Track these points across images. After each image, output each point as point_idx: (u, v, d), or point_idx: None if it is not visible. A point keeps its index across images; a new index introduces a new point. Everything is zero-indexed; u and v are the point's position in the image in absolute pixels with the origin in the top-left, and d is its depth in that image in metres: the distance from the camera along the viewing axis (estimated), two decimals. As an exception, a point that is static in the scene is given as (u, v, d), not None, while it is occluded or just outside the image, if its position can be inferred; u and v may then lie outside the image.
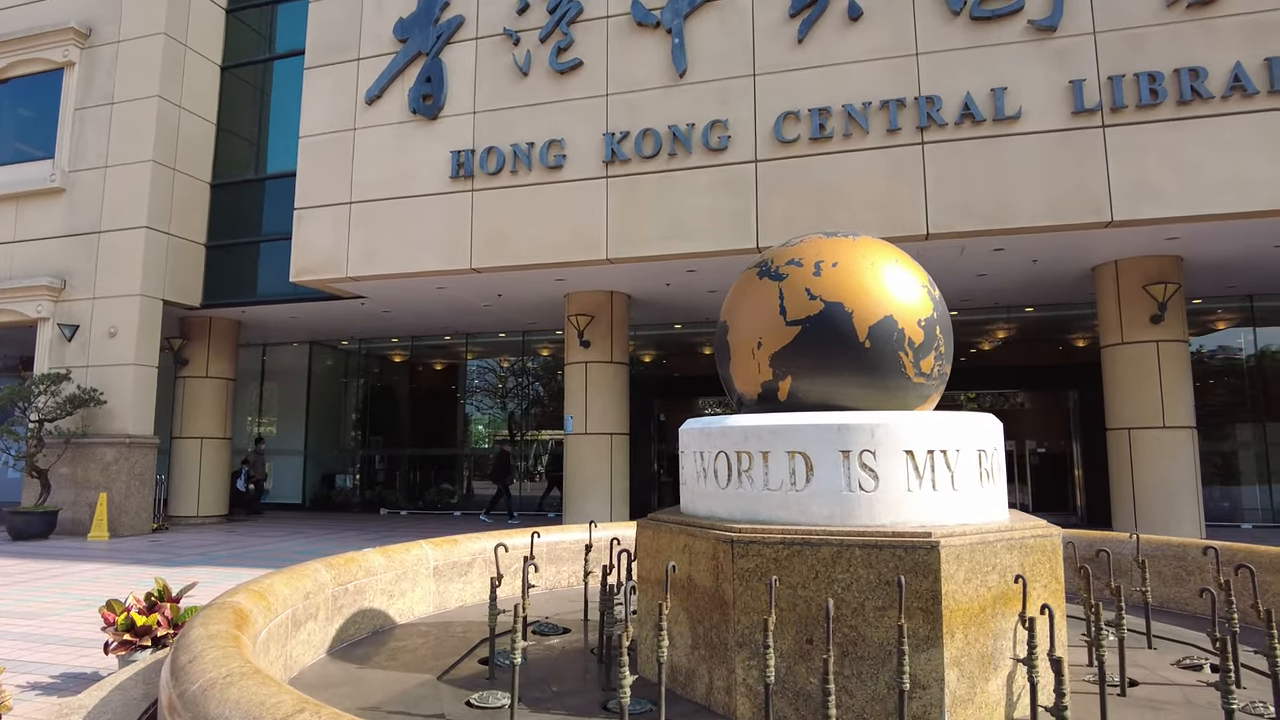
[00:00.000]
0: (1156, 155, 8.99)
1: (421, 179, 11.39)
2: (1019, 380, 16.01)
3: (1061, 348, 16.29)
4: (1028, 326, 15.61)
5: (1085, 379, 14.97)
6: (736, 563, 3.19)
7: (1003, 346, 16.14)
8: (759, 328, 3.70)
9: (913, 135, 9.74)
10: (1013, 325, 15.82)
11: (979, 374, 16.04)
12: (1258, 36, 8.85)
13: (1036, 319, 15.21)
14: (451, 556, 5.30)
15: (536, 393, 18.52)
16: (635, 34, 10.84)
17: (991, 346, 16.32)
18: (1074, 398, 15.20)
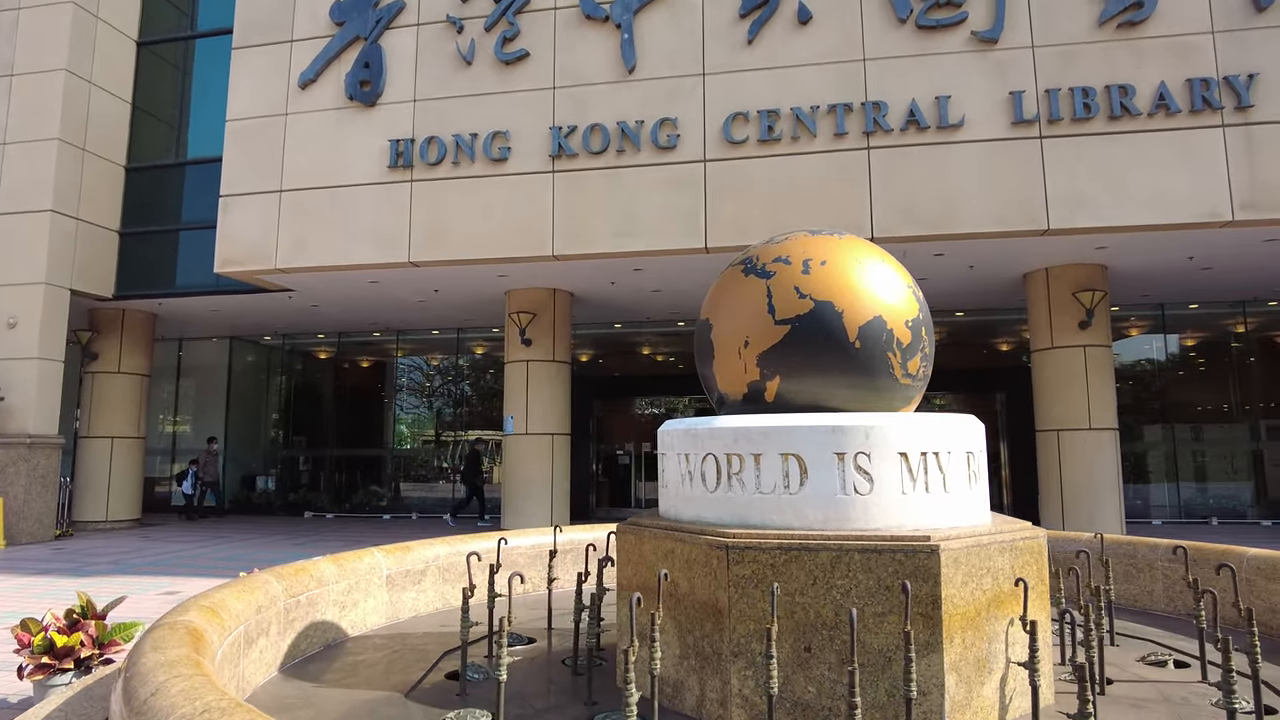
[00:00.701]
0: (1089, 167, 9.34)
1: (358, 168, 10.92)
2: (948, 383, 16.46)
3: (988, 351, 16.86)
4: (958, 330, 16.09)
5: (1012, 382, 15.55)
6: (732, 569, 3.08)
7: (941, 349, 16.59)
8: (746, 326, 3.60)
9: (859, 140, 9.86)
10: (942, 329, 16.27)
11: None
12: (1180, 59, 9.30)
13: (967, 323, 15.69)
14: (404, 564, 5.03)
15: (469, 392, 18.07)
16: (584, 27, 10.65)
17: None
18: (1001, 400, 15.75)
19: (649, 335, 17.22)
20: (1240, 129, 9.07)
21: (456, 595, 5.37)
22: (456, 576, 5.40)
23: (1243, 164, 8.99)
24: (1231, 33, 9.21)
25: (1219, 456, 15.04)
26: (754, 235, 9.95)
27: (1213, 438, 15.16)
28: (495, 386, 17.99)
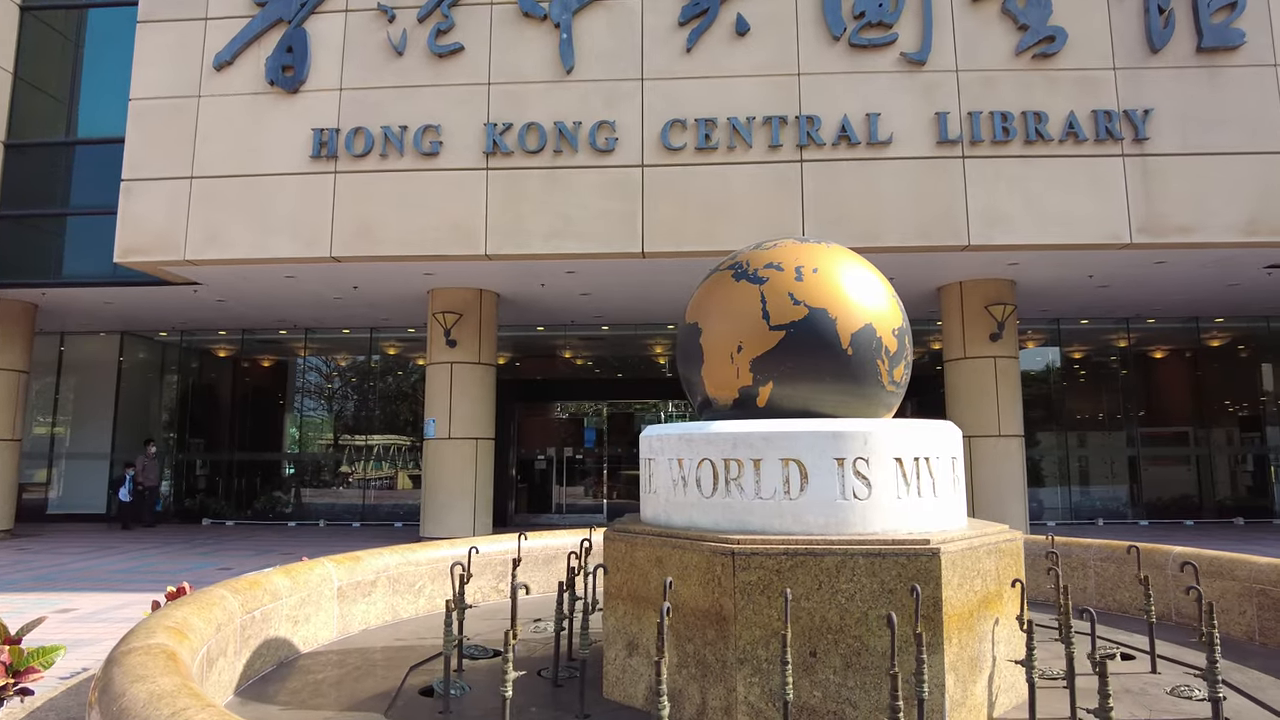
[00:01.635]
0: (1007, 187, 9.88)
1: (278, 157, 10.35)
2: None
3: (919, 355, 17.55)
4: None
5: (922, 389, 16.26)
6: (738, 576, 3.05)
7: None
8: (739, 331, 3.58)
9: (793, 152, 10.09)
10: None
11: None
12: (1086, 91, 9.98)
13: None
14: (355, 575, 4.77)
15: (381, 394, 17.42)
16: (521, 24, 10.47)
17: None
18: (910, 407, 16.44)
19: (571, 339, 17.08)
20: (1138, 159, 9.80)
21: (406, 607, 5.14)
22: (406, 587, 5.17)
23: (1140, 191, 9.72)
24: (1130, 70, 9.95)
25: (1102, 462, 16.19)
26: (690, 242, 10.05)
27: (1098, 444, 16.32)
28: (405, 389, 17.43)
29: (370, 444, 16.68)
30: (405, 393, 17.52)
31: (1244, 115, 9.82)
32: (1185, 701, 3.44)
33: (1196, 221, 9.63)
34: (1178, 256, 10.27)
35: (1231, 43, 9.87)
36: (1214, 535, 12.77)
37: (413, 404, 17.45)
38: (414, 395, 17.42)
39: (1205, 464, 15.76)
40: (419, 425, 17.09)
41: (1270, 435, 15.79)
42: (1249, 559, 4.53)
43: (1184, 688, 3.60)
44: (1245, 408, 16.49)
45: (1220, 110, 9.83)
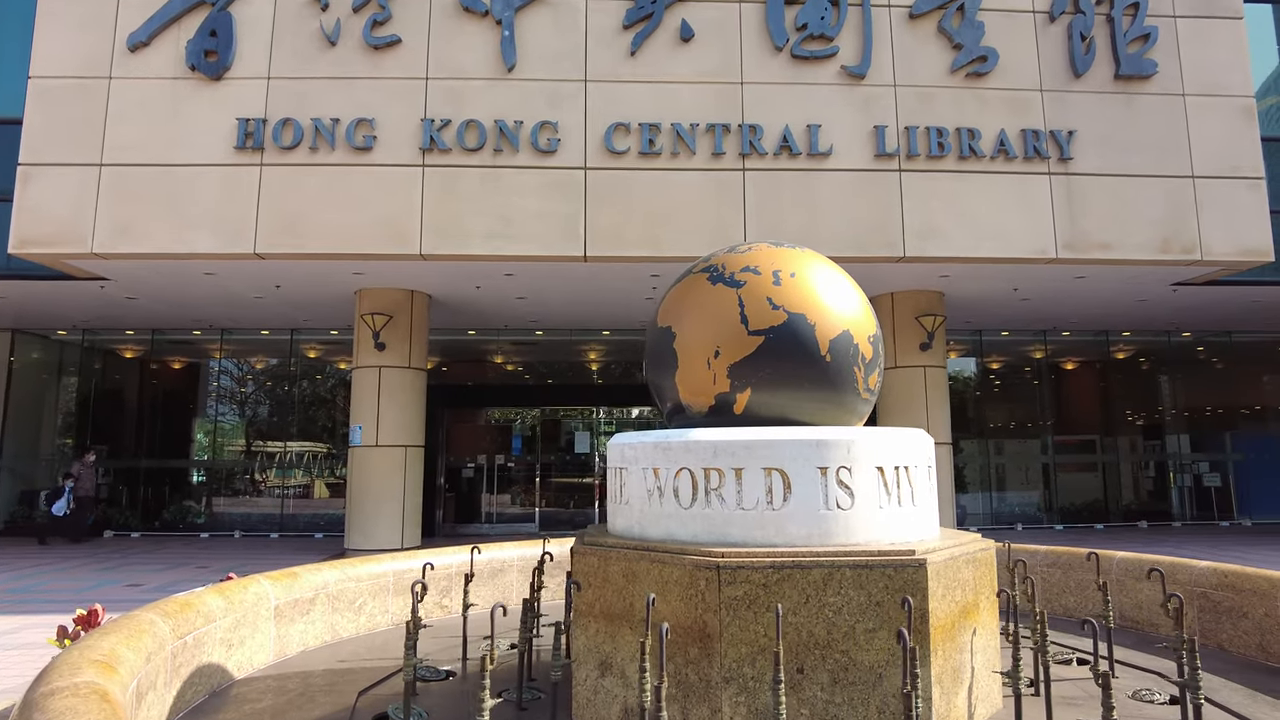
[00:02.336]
0: (941, 201, 10.15)
1: (198, 146, 9.74)
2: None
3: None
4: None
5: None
6: (724, 591, 2.93)
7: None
8: (716, 336, 3.48)
9: (736, 161, 10.12)
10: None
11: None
12: (1016, 110, 10.36)
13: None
14: (293, 593, 4.45)
15: (301, 398, 16.64)
16: (461, 19, 10.18)
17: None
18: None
19: (503, 343, 16.73)
20: (1063, 178, 10.22)
21: (346, 627, 4.84)
22: (346, 605, 4.86)
23: (1065, 209, 10.14)
24: (1056, 93, 10.39)
25: (1019, 469, 16.86)
26: (633, 246, 9.94)
27: (1015, 452, 16.99)
28: (326, 393, 16.73)
29: (289, 451, 15.90)
30: (326, 398, 16.80)
31: (1156, 140, 10.37)
32: (1149, 706, 3.50)
33: (1116, 239, 10.11)
34: (1096, 272, 10.75)
35: (1145, 72, 10.42)
36: (1122, 539, 13.43)
37: (332, 409, 16.76)
38: (334, 400, 16.73)
39: (1112, 471, 16.62)
40: (340, 431, 16.43)
41: (1169, 443, 16.77)
42: (1190, 563, 4.70)
43: (1144, 691, 3.68)
44: (1147, 417, 17.47)
45: (1135, 135, 10.36)
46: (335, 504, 15.69)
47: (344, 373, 16.87)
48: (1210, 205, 10.25)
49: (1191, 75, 10.50)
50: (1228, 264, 10.38)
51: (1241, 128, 10.48)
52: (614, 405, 16.93)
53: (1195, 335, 16.56)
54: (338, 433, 16.58)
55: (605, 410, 17.05)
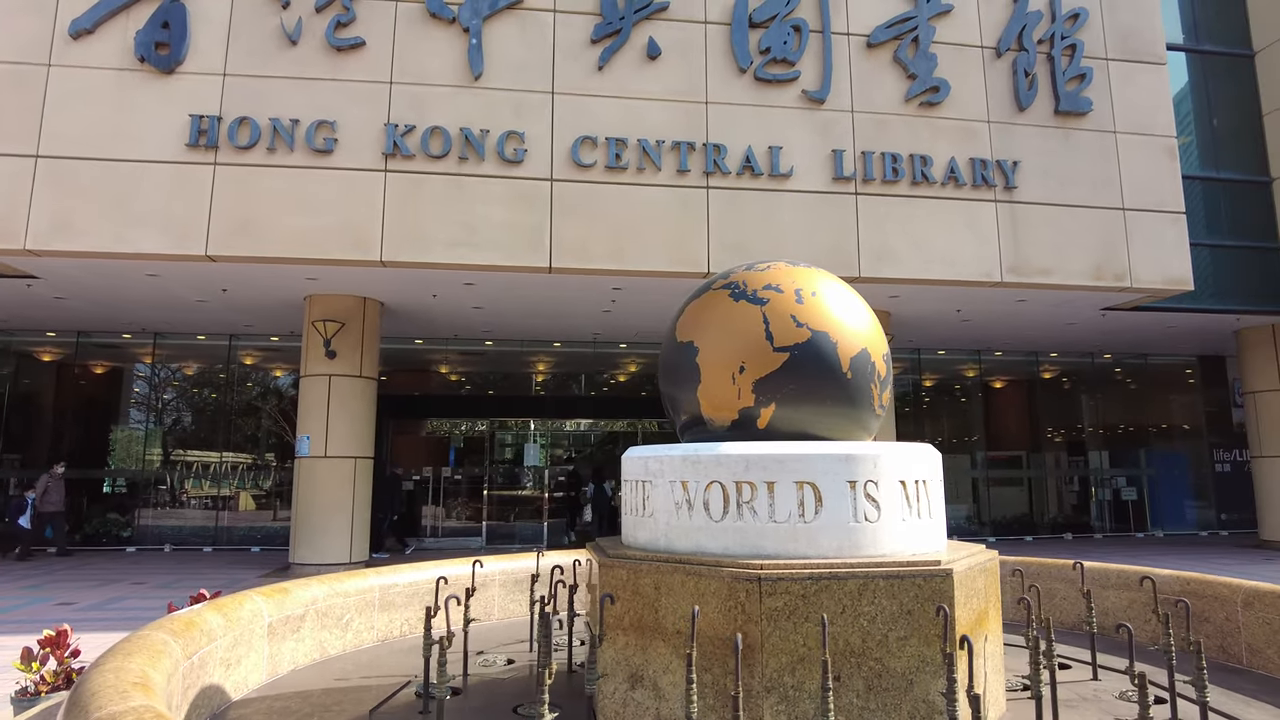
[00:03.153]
0: (895, 225, 10.53)
1: (147, 142, 9.32)
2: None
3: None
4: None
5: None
6: (765, 602, 2.99)
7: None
8: (741, 351, 3.55)
9: (700, 179, 10.28)
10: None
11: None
12: (965, 140, 10.86)
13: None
14: (285, 609, 4.31)
15: (239, 407, 15.98)
16: (428, 25, 10.06)
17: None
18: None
19: (450, 353, 16.47)
20: (1008, 205, 10.76)
21: (334, 644, 4.69)
22: (334, 622, 4.72)
23: (1010, 235, 10.67)
24: (1002, 124, 10.94)
25: (952, 483, 17.50)
26: (598, 259, 9.97)
27: (948, 466, 17.43)
28: (265, 402, 16.13)
29: (224, 461, 15.22)
30: (263, 406, 16.18)
31: (1091, 174, 11.03)
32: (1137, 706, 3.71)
33: (1055, 265, 10.69)
34: (1036, 295, 11.33)
35: (1081, 109, 11.08)
36: (1050, 550, 14.10)
37: (271, 419, 16.16)
38: (273, 409, 16.13)
39: (1039, 485, 17.45)
40: (279, 441, 15.85)
41: (1091, 459, 17.72)
42: (1154, 571, 5.00)
43: (1130, 692, 3.90)
44: (1071, 434, 18.42)
45: (1073, 167, 10.99)
46: (275, 516, 15.10)
47: (283, 380, 16.31)
48: (1138, 236, 10.95)
49: (1122, 114, 11.22)
50: (1153, 291, 11.09)
51: (1165, 165, 11.25)
52: (564, 417, 16.84)
53: (1115, 357, 17.60)
54: (276, 443, 15.99)
55: (555, 423, 16.93)
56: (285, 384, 16.21)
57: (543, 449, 16.02)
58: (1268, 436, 13.75)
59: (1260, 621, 4.27)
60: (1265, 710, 3.64)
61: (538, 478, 15.94)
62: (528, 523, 15.60)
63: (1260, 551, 13.35)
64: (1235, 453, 17.03)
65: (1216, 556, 12.59)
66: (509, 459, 16.61)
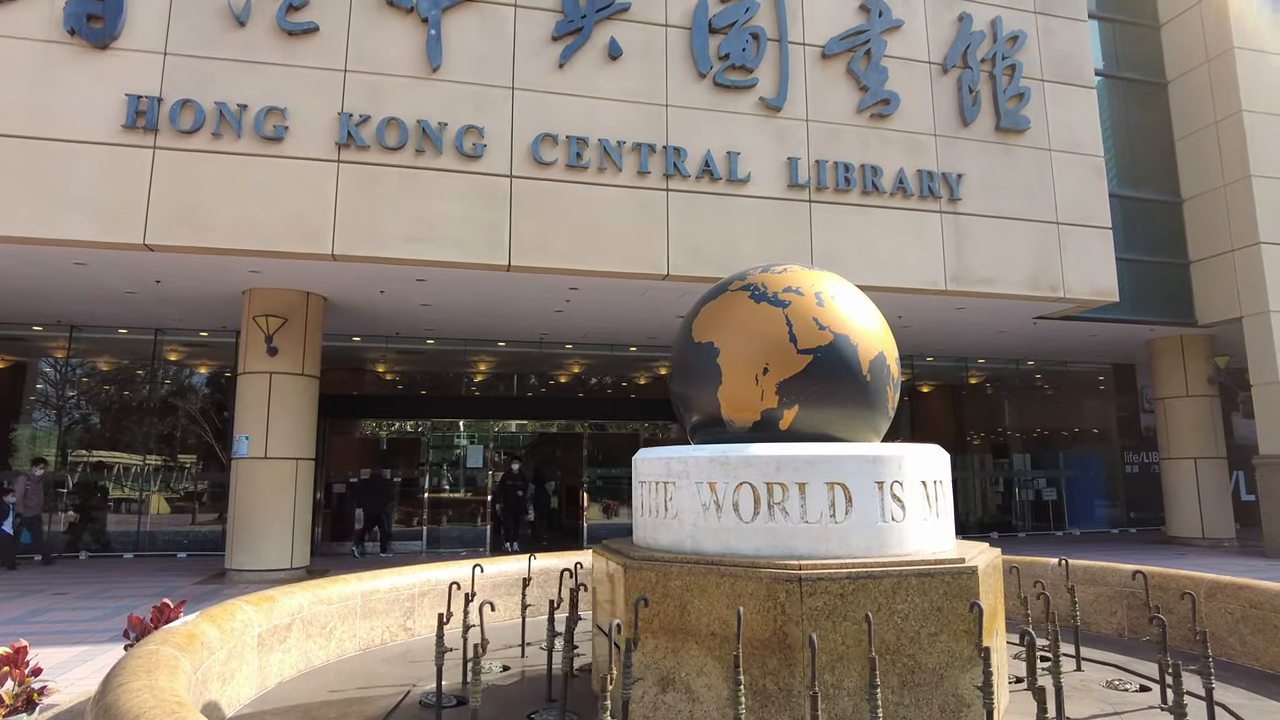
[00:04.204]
0: (846, 232, 10.81)
1: (78, 120, 8.73)
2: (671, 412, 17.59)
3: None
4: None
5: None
6: (805, 602, 3.02)
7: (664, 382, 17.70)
8: (765, 353, 3.58)
9: (660, 181, 10.31)
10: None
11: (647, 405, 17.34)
12: (913, 152, 11.24)
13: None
14: (273, 619, 4.11)
15: (162, 405, 15.09)
16: (385, 13, 9.76)
17: (647, 381, 17.76)
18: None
19: (389, 352, 16.01)
20: (952, 216, 11.18)
21: (318, 654, 4.50)
22: (318, 630, 4.53)
23: (953, 245, 11.09)
24: (947, 138, 11.37)
25: (884, 483, 18.03)
26: (557, 258, 9.87)
27: (881, 467, 18.12)
28: (190, 401, 15.31)
29: (147, 463, 14.36)
30: (190, 405, 15.33)
31: (1028, 188, 11.58)
32: (1126, 694, 3.91)
33: (996, 275, 11.17)
34: (977, 304, 11.81)
35: (1020, 126, 11.62)
36: (979, 547, 14.69)
37: (198, 418, 15.33)
38: (198, 408, 15.30)
39: (965, 487, 18.17)
40: (200, 441, 15.07)
41: (1015, 461, 18.58)
42: (1118, 567, 5.28)
43: (1116, 681, 4.10)
44: (995, 438, 19.27)
45: (1012, 181, 11.52)
46: (201, 521, 14.36)
47: (208, 377, 15.51)
48: (1071, 249, 11.56)
49: (1056, 133, 11.83)
50: (1083, 302, 11.73)
51: (1094, 183, 11.92)
52: (507, 418, 16.60)
53: (1037, 364, 18.52)
54: (197, 443, 15.20)
55: (498, 423, 16.65)
56: (212, 382, 15.42)
57: (485, 450, 15.74)
58: (1176, 440, 14.73)
59: (1222, 611, 4.55)
60: (1237, 693, 3.88)
61: (479, 480, 15.65)
62: (470, 526, 15.30)
63: (1170, 546, 14.28)
64: (1143, 455, 18.17)
65: (1132, 551, 13.40)
66: (452, 461, 16.25)
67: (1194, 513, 14.36)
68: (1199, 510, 14.30)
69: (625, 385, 17.74)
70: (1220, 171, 13.46)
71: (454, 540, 14.91)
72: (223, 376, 15.12)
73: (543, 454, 18.70)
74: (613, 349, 16.21)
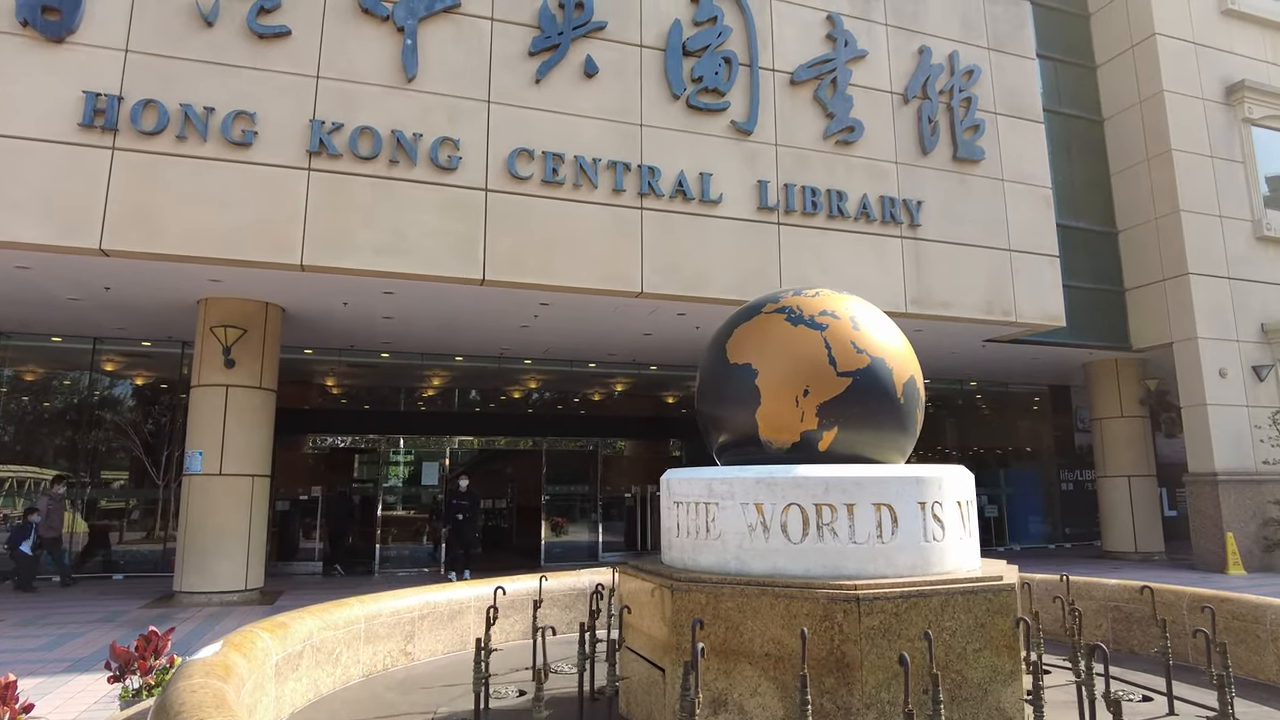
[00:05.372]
0: (811, 255, 11.06)
1: (28, 116, 8.27)
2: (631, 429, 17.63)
3: (663, 403, 18.50)
4: (649, 383, 17.43)
5: (689, 429, 17.28)
6: (863, 621, 3.08)
7: (621, 398, 17.73)
8: (805, 375, 3.64)
9: (634, 199, 10.37)
10: (629, 380, 17.48)
11: (603, 422, 17.29)
12: (876, 178, 11.60)
13: (656, 376, 17.08)
14: (288, 646, 3.95)
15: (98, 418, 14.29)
16: (360, 20, 9.59)
17: (603, 398, 17.75)
18: (677, 444, 17.38)
19: (340, 365, 15.56)
20: (912, 241, 11.57)
21: (325, 681, 4.36)
22: (325, 657, 4.38)
23: (914, 269, 11.47)
24: (908, 166, 11.78)
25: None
26: (532, 273, 9.82)
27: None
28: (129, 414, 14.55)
29: (79, 478, 13.54)
30: (125, 419, 14.53)
31: (983, 216, 12.08)
32: (1133, 704, 4.09)
33: (953, 299, 11.59)
34: (932, 326, 12.21)
35: (976, 156, 12.13)
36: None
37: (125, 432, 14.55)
38: (128, 421, 14.50)
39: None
40: (129, 456, 14.31)
41: (957, 477, 19.14)
42: (1103, 582, 5.52)
43: (1119, 692, 4.28)
44: (941, 456, 19.88)
45: (968, 209, 12.00)
46: (137, 540, 13.63)
47: (144, 389, 14.76)
48: (1022, 275, 12.09)
49: (1009, 165, 12.39)
50: (1033, 326, 12.27)
51: (1043, 212, 12.52)
52: (462, 434, 16.30)
53: (980, 385, 19.23)
54: (135, 457, 14.44)
55: (450, 440, 16.31)
56: (147, 394, 14.68)
57: (439, 467, 15.41)
58: (1111, 458, 15.49)
59: (1207, 623, 4.80)
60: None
61: (430, 499, 15.31)
62: (421, 545, 14.94)
63: (1106, 561, 14.96)
64: (1077, 473, 19.04)
65: (1072, 565, 13.99)
66: (405, 478, 15.86)
67: (1128, 528, 15.10)
68: (1132, 525, 15.05)
69: (580, 402, 17.66)
70: (1152, 205, 14.31)
71: (405, 560, 14.53)
72: (159, 388, 14.44)
73: (495, 471, 18.43)
74: (571, 365, 16.13)
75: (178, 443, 13.95)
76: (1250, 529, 13.14)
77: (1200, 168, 14.22)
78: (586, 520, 15.96)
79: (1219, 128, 14.65)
